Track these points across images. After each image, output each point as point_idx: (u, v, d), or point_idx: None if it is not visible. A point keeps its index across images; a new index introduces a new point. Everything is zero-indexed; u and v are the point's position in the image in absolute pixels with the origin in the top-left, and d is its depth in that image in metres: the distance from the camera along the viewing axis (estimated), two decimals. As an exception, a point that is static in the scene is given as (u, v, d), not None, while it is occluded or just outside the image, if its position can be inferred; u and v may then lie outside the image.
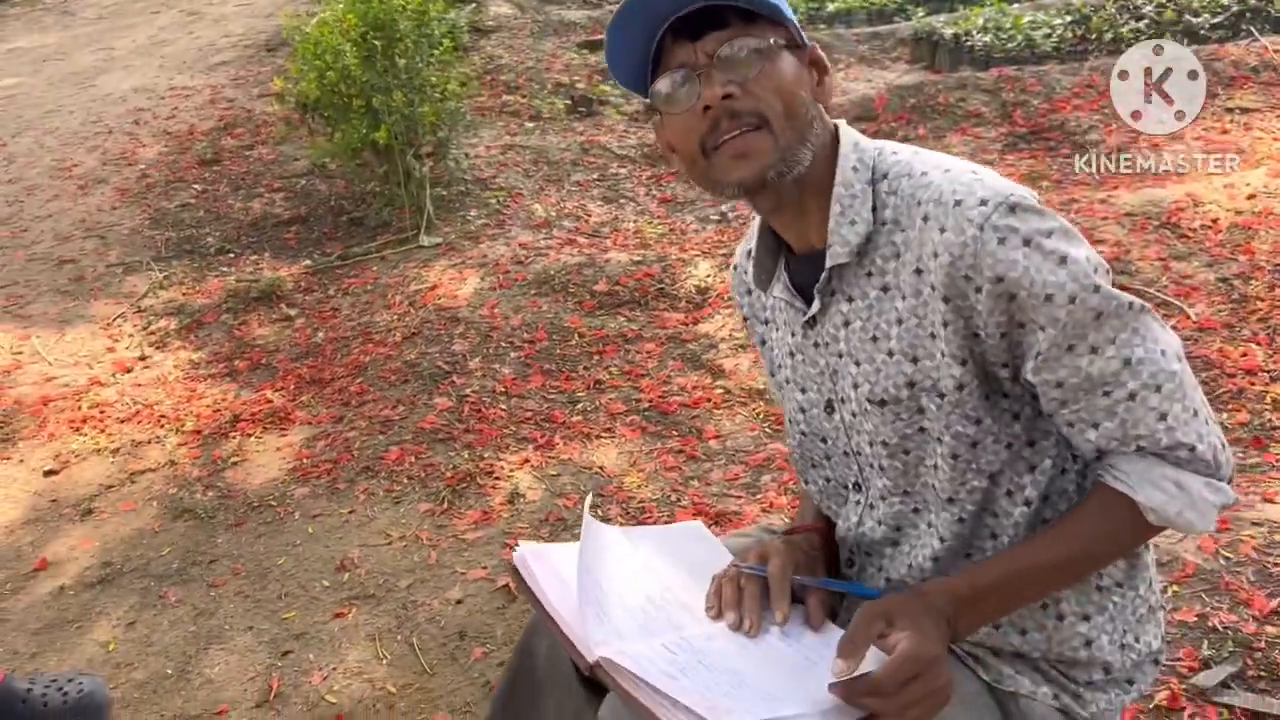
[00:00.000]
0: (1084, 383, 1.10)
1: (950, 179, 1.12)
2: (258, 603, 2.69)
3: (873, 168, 1.21)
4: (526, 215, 5.02)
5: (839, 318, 1.23)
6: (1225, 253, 3.79)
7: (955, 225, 1.09)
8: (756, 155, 1.16)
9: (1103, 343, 1.09)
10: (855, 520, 1.31)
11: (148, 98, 7.50)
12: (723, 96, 1.15)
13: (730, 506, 2.85)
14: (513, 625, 2.47)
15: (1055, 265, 1.06)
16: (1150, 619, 1.28)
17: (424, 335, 3.95)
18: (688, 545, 1.36)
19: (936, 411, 1.17)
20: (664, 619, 1.19)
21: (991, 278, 1.07)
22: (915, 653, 1.04)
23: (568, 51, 7.38)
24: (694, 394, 3.45)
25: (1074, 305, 1.06)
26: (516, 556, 1.23)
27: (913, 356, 1.17)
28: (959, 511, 1.21)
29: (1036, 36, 6.07)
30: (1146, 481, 1.12)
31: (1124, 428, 1.11)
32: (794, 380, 1.33)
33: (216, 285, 4.65)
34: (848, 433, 1.28)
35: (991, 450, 1.17)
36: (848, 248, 1.19)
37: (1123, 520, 1.14)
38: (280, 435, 3.47)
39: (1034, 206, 1.09)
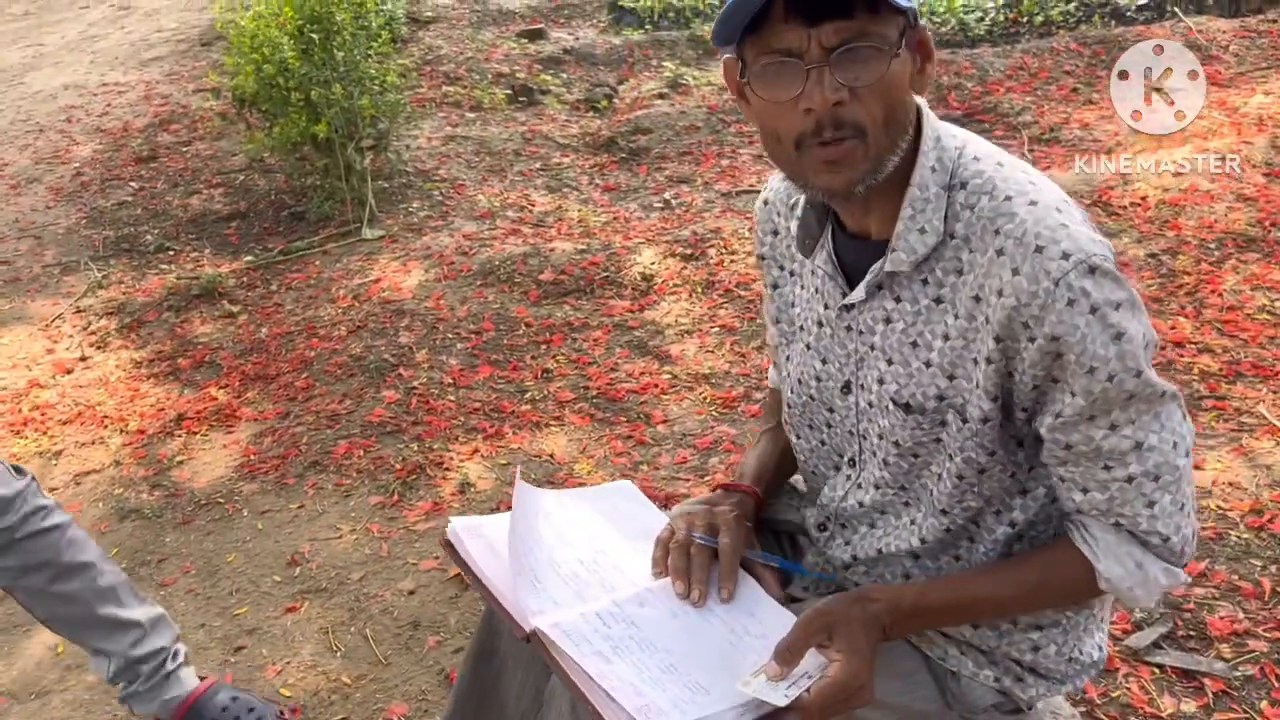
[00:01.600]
0: (1091, 452, 1.11)
1: (1036, 217, 1.08)
2: (209, 600, 2.68)
3: (951, 171, 1.15)
4: (470, 206, 5.02)
5: (881, 313, 1.21)
6: (1154, 229, 3.89)
7: (1031, 272, 1.06)
8: (849, 167, 1.10)
9: (1123, 422, 1.09)
10: (841, 493, 1.32)
11: (79, 95, 7.36)
12: (833, 105, 1.06)
13: (680, 489, 2.89)
14: (466, 614, 2.49)
15: (1110, 340, 1.05)
16: (1097, 630, 1.32)
17: (369, 329, 3.94)
18: (620, 505, 1.38)
19: (956, 433, 1.17)
20: (597, 581, 1.21)
21: (1049, 335, 1.06)
22: (846, 680, 1.08)
23: (507, 41, 7.36)
24: (641, 380, 3.49)
25: (1110, 384, 1.07)
26: (449, 531, 1.23)
27: (950, 374, 1.16)
28: (948, 522, 1.23)
29: (970, 20, 6.18)
30: (1111, 555, 1.14)
31: (1111, 503, 1.13)
32: (815, 348, 1.30)
33: (157, 283, 4.60)
34: (858, 416, 1.27)
35: (996, 478, 1.19)
36: (912, 257, 1.15)
37: (1077, 579, 1.17)
38: (226, 432, 3.45)
39: (1111, 272, 1.06)
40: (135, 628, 1.93)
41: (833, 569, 1.35)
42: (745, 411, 3.25)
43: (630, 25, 7.35)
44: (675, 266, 4.18)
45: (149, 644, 1.94)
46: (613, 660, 1.08)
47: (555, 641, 1.08)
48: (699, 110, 5.85)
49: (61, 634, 1.91)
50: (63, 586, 1.85)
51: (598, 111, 6.14)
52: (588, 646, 1.08)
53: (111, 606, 1.90)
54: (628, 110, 6.08)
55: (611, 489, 1.42)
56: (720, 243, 4.29)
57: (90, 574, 1.89)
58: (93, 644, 1.90)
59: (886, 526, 1.29)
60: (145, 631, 1.94)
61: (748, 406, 3.27)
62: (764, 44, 1.08)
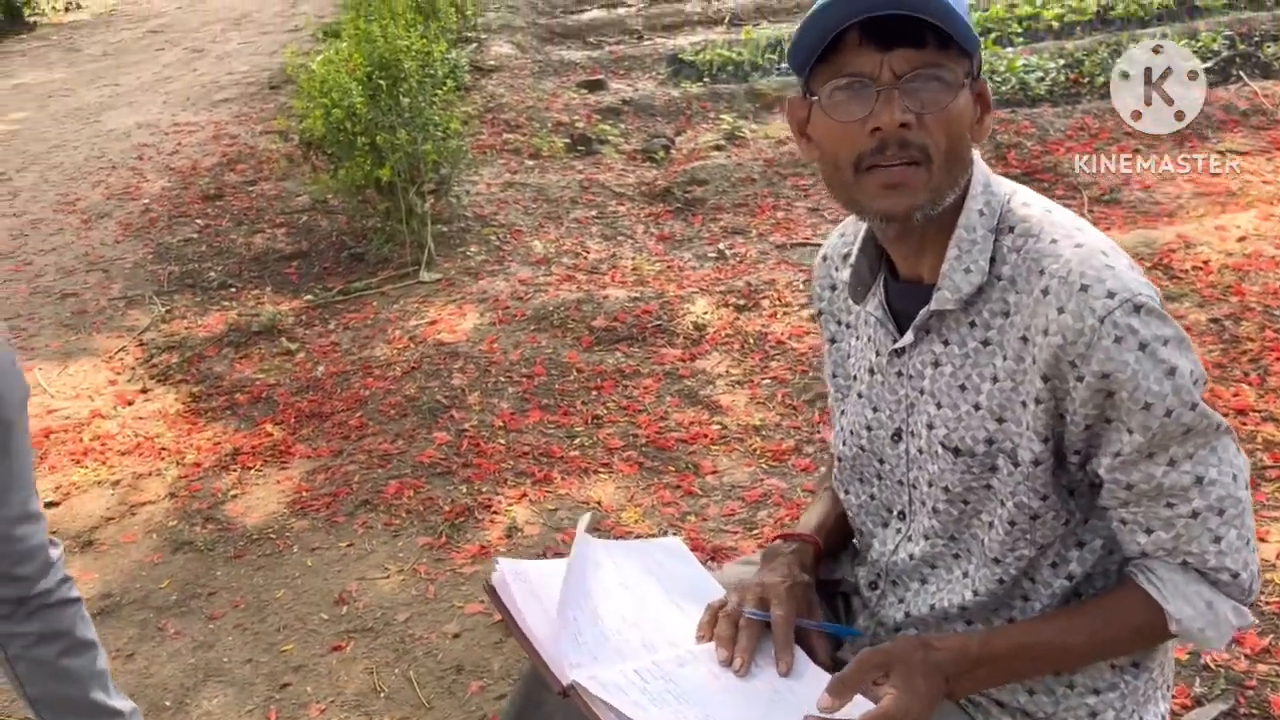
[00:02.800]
0: (1152, 490, 1.10)
1: (1081, 258, 1.09)
2: (256, 635, 2.70)
3: (999, 215, 1.17)
4: (526, 252, 5.07)
5: (930, 356, 1.21)
6: (1216, 294, 3.83)
7: (1075, 310, 1.07)
8: (909, 192, 1.12)
9: (1182, 457, 1.09)
10: (891, 548, 1.31)
11: (151, 133, 7.58)
12: (900, 125, 1.10)
13: (727, 542, 2.87)
14: (510, 660, 2.49)
15: (1162, 375, 1.05)
16: (1158, 698, 1.28)
17: (423, 370, 3.98)
18: (666, 561, 1.37)
19: (1007, 477, 1.17)
20: (638, 640, 1.20)
21: (1097, 372, 1.06)
22: (894, 713, 1.06)
23: (568, 91, 7.47)
24: (691, 430, 3.48)
25: (1168, 418, 1.06)
26: (495, 575, 1.24)
27: (999, 417, 1.16)
28: (1001, 573, 1.21)
29: (1030, 80, 6.16)
30: (1181, 595, 1.12)
31: (1177, 541, 1.12)
32: (866, 396, 1.31)
33: (218, 319, 4.69)
34: (908, 465, 1.27)
35: (1050, 525, 1.18)
36: (957, 295, 1.16)
37: (1146, 623, 1.15)
38: (280, 469, 3.49)
39: (1157, 310, 1.07)
40: (118, 717, 1.94)
41: (885, 631, 1.33)
42: (795, 465, 3.23)
43: (689, 78, 7.43)
44: (728, 317, 4.18)
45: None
46: (649, 710, 1.08)
47: (592, 692, 1.07)
48: (755, 163, 5.89)
49: (45, 717, 1.89)
50: (69, 661, 1.85)
51: (655, 161, 6.20)
52: (624, 697, 1.08)
53: (101, 692, 1.91)
54: (684, 161, 6.13)
55: (660, 545, 1.41)
56: (774, 294, 4.30)
57: (93, 654, 1.90)
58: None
59: (939, 581, 1.28)
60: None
61: (798, 460, 3.25)
62: (836, 68, 1.13)
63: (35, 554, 1.78)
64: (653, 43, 8.62)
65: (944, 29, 1.09)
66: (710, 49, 7.72)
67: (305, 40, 9.02)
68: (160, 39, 10.91)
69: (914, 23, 1.08)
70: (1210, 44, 6.18)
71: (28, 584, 1.77)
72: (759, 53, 7.51)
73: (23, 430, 1.75)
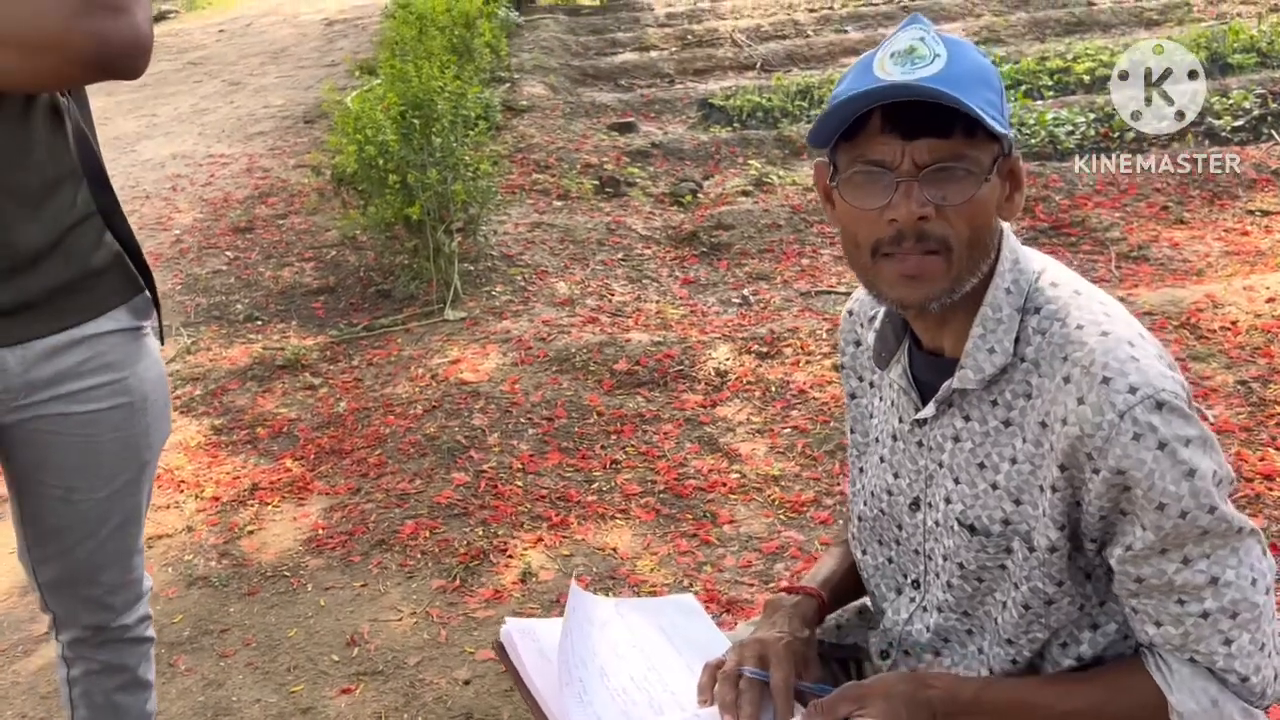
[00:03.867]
0: (1164, 586, 1.08)
1: (1106, 347, 1.06)
2: (266, 675, 2.69)
3: (1027, 295, 1.15)
4: (551, 293, 5.09)
5: (950, 430, 1.20)
6: (1244, 355, 3.79)
7: (1095, 403, 1.05)
8: (927, 282, 1.11)
9: (1197, 556, 1.06)
10: (905, 617, 1.30)
11: (186, 164, 7.69)
12: (918, 218, 1.08)
13: (743, 594, 2.85)
14: (519, 710, 2.46)
15: (1180, 477, 1.03)
16: None
17: (444, 409, 3.99)
18: (678, 620, 1.36)
19: (1023, 561, 1.15)
20: (645, 700, 1.19)
21: (1114, 468, 1.04)
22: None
23: (598, 133, 7.52)
24: (710, 478, 3.47)
25: (1183, 520, 1.04)
26: (503, 633, 1.24)
27: (1016, 499, 1.15)
28: (1014, 653, 1.20)
29: (1060, 133, 6.16)
30: (1186, 688, 1.10)
31: (1185, 639, 1.09)
32: (888, 461, 1.29)
33: (243, 352, 4.72)
34: (924, 535, 1.26)
35: (1064, 610, 1.16)
36: (979, 375, 1.15)
37: (1148, 706, 1.12)
38: (298, 505, 3.50)
39: (1180, 409, 1.04)
40: None
41: None
42: (814, 517, 3.20)
43: (719, 123, 7.48)
44: (750, 364, 4.17)
45: None
46: None
47: None
48: (782, 209, 5.90)
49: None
50: (123, 697, 1.86)
51: (682, 205, 6.22)
52: None
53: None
54: (711, 205, 6.15)
55: (673, 602, 1.40)
56: (797, 343, 4.29)
57: (146, 695, 1.91)
58: None
59: (952, 655, 1.26)
60: None
61: (816, 512, 3.23)
62: (858, 152, 1.11)
63: (130, 587, 1.80)
64: (684, 86, 8.69)
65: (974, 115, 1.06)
66: (740, 94, 7.78)
67: (341, 76, 9.15)
68: (199, 71, 11.10)
69: (940, 110, 1.06)
70: (1241, 102, 6.17)
71: (113, 614, 1.78)
72: (789, 99, 7.55)
73: (154, 469, 1.78)
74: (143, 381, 1.67)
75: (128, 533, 1.75)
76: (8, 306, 1.51)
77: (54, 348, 1.56)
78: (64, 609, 1.76)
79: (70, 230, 1.57)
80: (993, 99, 1.09)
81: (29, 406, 1.58)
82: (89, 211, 1.60)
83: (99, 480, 1.66)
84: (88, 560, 1.71)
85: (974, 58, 1.11)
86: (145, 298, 1.70)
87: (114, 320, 1.63)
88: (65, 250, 1.56)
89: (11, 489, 1.69)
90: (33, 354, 1.54)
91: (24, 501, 1.68)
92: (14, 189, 1.49)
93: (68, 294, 1.57)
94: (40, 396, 1.58)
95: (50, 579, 1.73)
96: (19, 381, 1.55)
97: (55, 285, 1.55)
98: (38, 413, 1.59)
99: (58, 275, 1.55)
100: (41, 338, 1.55)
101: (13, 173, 1.48)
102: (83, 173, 1.60)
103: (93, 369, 1.61)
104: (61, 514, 1.67)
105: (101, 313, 1.61)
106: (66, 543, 1.69)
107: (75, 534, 1.69)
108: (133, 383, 1.65)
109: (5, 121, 1.46)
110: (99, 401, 1.62)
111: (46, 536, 1.69)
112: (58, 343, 1.56)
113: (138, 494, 1.73)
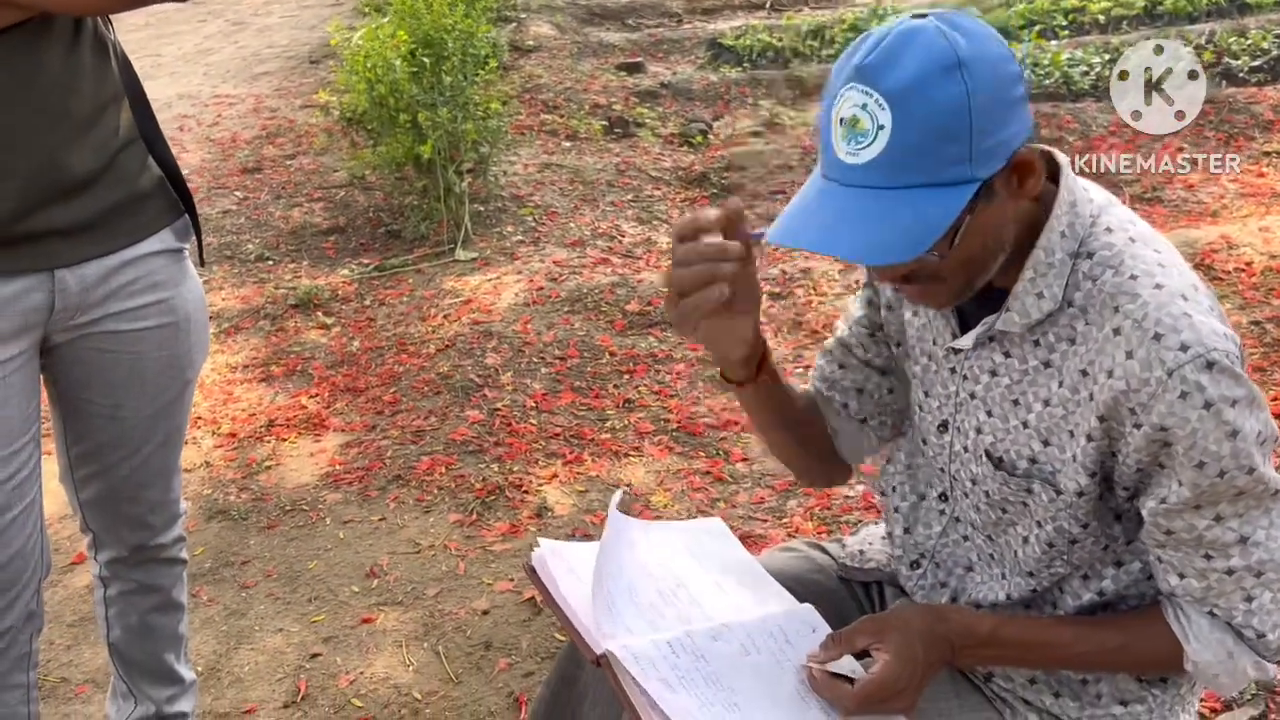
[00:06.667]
0: (1192, 540, 1.08)
1: (1159, 302, 1.05)
2: (288, 605, 2.73)
3: (1081, 240, 1.12)
4: (561, 233, 5.08)
5: (988, 364, 1.19)
6: (1259, 296, 3.79)
7: (1145, 359, 1.03)
8: (934, 300, 1.16)
9: (1229, 515, 1.07)
10: (938, 531, 1.31)
11: (192, 105, 7.63)
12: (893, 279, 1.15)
13: (756, 530, 2.88)
14: (538, 638, 2.51)
15: (1223, 437, 1.02)
16: (1185, 710, 1.28)
17: (457, 348, 4.00)
18: (707, 542, 1.38)
19: (1048, 503, 1.16)
20: (674, 614, 1.21)
21: (1157, 425, 1.04)
22: (885, 679, 1.10)
23: (606, 73, 7.45)
24: (722, 416, 3.49)
25: (1220, 479, 1.04)
26: (534, 555, 1.25)
27: (1045, 439, 1.15)
28: (1035, 584, 1.21)
29: (1074, 74, 6.10)
30: (1203, 639, 1.12)
31: (1207, 593, 1.10)
32: (920, 379, 1.30)
33: (255, 291, 4.73)
34: (950, 457, 1.27)
35: (1088, 549, 1.17)
36: (1024, 320, 1.13)
37: (1164, 653, 1.14)
38: (314, 441, 3.52)
39: (1230, 369, 1.03)
40: (178, 684, 1.99)
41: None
42: (826, 455, 3.22)
43: (728, 63, 7.40)
44: (762, 304, 4.17)
45: (179, 705, 1.99)
46: (676, 690, 1.08)
47: (622, 663, 1.08)
48: (793, 150, 5.86)
49: (115, 663, 1.95)
50: (156, 618, 1.91)
51: (692, 146, 6.18)
52: (653, 672, 1.09)
53: (173, 656, 1.96)
54: (721, 146, 6.11)
55: (702, 525, 1.42)
56: (809, 283, 4.29)
57: (179, 617, 1.95)
58: (137, 683, 1.95)
59: (983, 573, 1.28)
60: (182, 692, 2.00)
61: (829, 450, 3.25)
62: None
63: (169, 506, 1.85)
64: (692, 26, 8.59)
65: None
66: (750, 34, 7.69)
67: (347, 14, 9.04)
68: (202, 10, 10.96)
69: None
70: (1260, 42, 6.09)
71: (152, 533, 1.83)
72: (800, 39, 7.46)
73: (194, 390, 1.82)
74: (186, 302, 1.72)
75: (169, 452, 1.79)
76: (65, 228, 1.54)
77: (108, 269, 1.60)
78: (104, 527, 1.80)
79: (118, 154, 1.60)
80: (955, 151, 1.00)
81: (82, 326, 1.62)
82: (133, 136, 1.64)
83: (145, 398, 1.70)
84: (130, 478, 1.75)
85: (932, 106, 0.99)
86: (186, 221, 1.73)
87: (160, 241, 1.67)
88: (114, 173, 1.59)
89: (56, 410, 1.73)
90: (89, 274, 1.58)
91: (70, 421, 1.72)
92: (66, 114, 1.52)
93: (119, 216, 1.60)
94: (92, 315, 1.62)
95: (92, 497, 1.77)
96: (75, 301, 1.59)
97: (106, 207, 1.58)
98: (90, 331, 1.63)
99: (108, 197, 1.58)
100: (96, 259, 1.59)
101: (65, 99, 1.51)
102: (127, 98, 1.62)
103: (141, 289, 1.65)
104: (108, 431, 1.71)
105: (149, 234, 1.65)
106: (111, 460, 1.73)
107: (120, 451, 1.72)
108: (177, 303, 1.70)
109: (55, 49, 1.49)
110: (146, 320, 1.66)
111: (91, 455, 1.73)
112: (110, 264, 1.60)
113: (179, 413, 1.77)
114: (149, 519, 1.81)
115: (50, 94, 1.49)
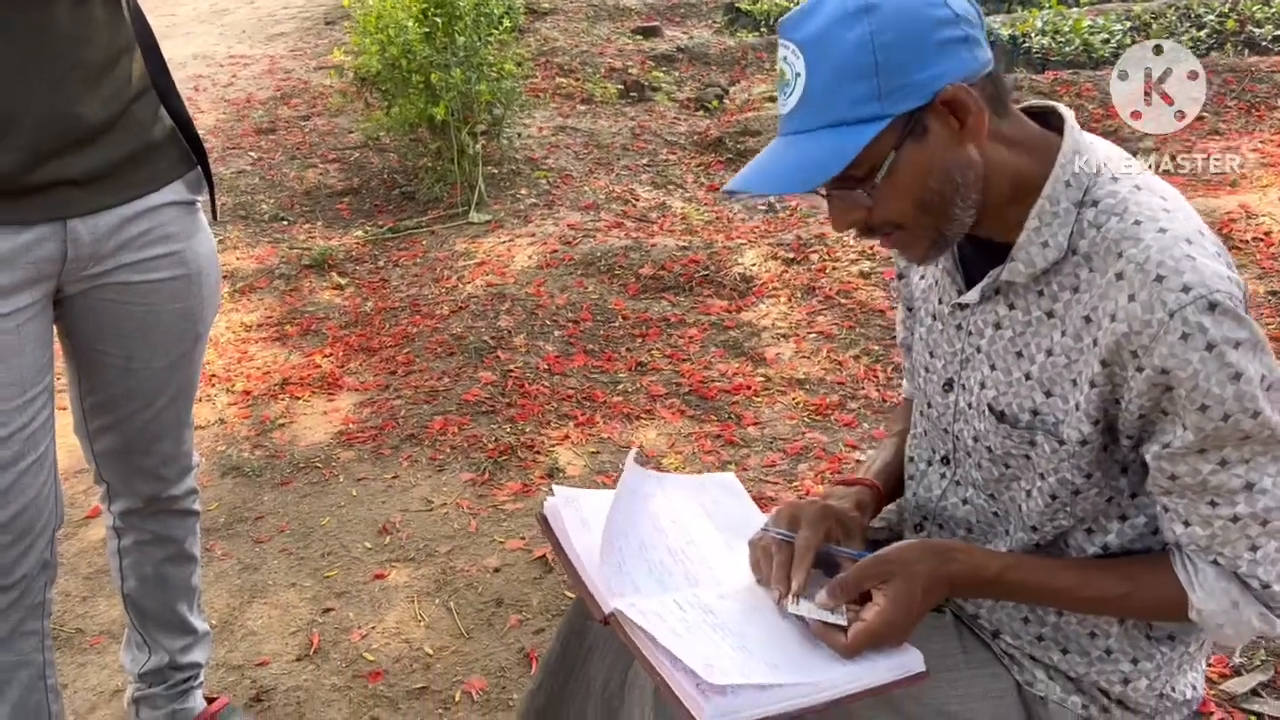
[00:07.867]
0: (1197, 485, 1.08)
1: (1162, 245, 1.04)
2: (301, 560, 2.76)
3: (1086, 189, 1.12)
4: (576, 196, 5.07)
5: (993, 317, 1.20)
6: (1277, 266, 3.76)
7: (1146, 301, 1.03)
8: (910, 250, 1.15)
9: (1235, 460, 1.06)
10: (939, 493, 1.32)
11: (207, 65, 7.62)
12: (849, 226, 1.13)
13: (767, 493, 2.88)
14: (548, 595, 2.52)
15: (1226, 380, 1.01)
16: (1191, 669, 1.28)
17: (471, 310, 4.01)
18: (720, 498, 1.38)
19: (1050, 454, 1.16)
20: (682, 572, 1.22)
21: (1158, 367, 1.03)
22: (878, 629, 1.10)
23: (622, 36, 7.40)
24: (734, 380, 3.49)
25: (1224, 423, 1.03)
26: (548, 504, 1.25)
27: (1047, 390, 1.15)
28: (1037, 538, 1.21)
29: (1095, 41, 6.03)
30: (1208, 588, 1.11)
31: (1212, 541, 1.09)
32: (925, 340, 1.31)
33: (269, 251, 4.74)
34: (954, 416, 1.27)
35: (1092, 501, 1.17)
36: (1030, 269, 1.13)
37: (1169, 601, 1.14)
38: (328, 400, 3.54)
39: (1233, 310, 1.02)
40: (191, 634, 2.01)
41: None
42: (838, 420, 3.23)
43: (745, 27, 7.34)
44: (776, 269, 4.17)
45: (192, 655, 2.01)
46: (684, 637, 1.09)
47: (630, 618, 1.09)
48: (810, 116, 5.82)
49: (129, 613, 1.96)
50: (170, 569, 1.92)
51: (707, 111, 6.15)
52: (662, 624, 1.09)
53: (186, 607, 1.98)
54: (737, 111, 6.08)
55: (715, 480, 1.42)
56: (824, 249, 4.27)
57: (192, 568, 1.97)
58: (151, 633, 1.96)
59: (982, 534, 1.28)
60: (195, 642, 2.01)
61: (840, 415, 3.25)
62: None
63: (181, 459, 1.86)
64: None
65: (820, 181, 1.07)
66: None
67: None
68: (217, -30, 10.92)
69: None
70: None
71: (165, 485, 1.84)
72: (818, 4, 7.39)
73: (206, 344, 1.84)
74: (198, 255, 1.72)
75: (181, 405, 1.79)
76: (78, 178, 1.54)
77: (121, 219, 1.60)
78: (118, 478, 1.82)
79: (131, 104, 1.59)
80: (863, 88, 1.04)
81: (95, 277, 1.62)
82: (146, 86, 1.63)
83: (158, 350, 1.71)
84: (144, 430, 1.76)
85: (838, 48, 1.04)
86: (198, 173, 1.72)
87: (173, 192, 1.66)
88: (127, 123, 1.59)
89: (71, 361, 1.74)
90: (101, 225, 1.58)
91: (84, 373, 1.73)
92: (80, 64, 1.51)
93: (131, 166, 1.60)
94: (105, 266, 1.62)
95: (106, 448, 1.78)
96: (88, 251, 1.59)
97: (119, 158, 1.58)
98: (102, 282, 1.63)
99: (121, 147, 1.58)
100: (108, 209, 1.58)
101: (79, 49, 1.51)
102: (139, 48, 1.62)
103: (153, 240, 1.64)
104: (121, 383, 1.72)
105: (161, 185, 1.65)
106: (124, 412, 1.74)
107: (134, 403, 1.73)
108: (189, 255, 1.70)
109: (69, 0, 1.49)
110: (159, 271, 1.66)
111: (105, 406, 1.74)
112: (124, 214, 1.60)
113: (192, 367, 1.78)
114: (162, 471, 1.83)
115: (62, 44, 1.49)
